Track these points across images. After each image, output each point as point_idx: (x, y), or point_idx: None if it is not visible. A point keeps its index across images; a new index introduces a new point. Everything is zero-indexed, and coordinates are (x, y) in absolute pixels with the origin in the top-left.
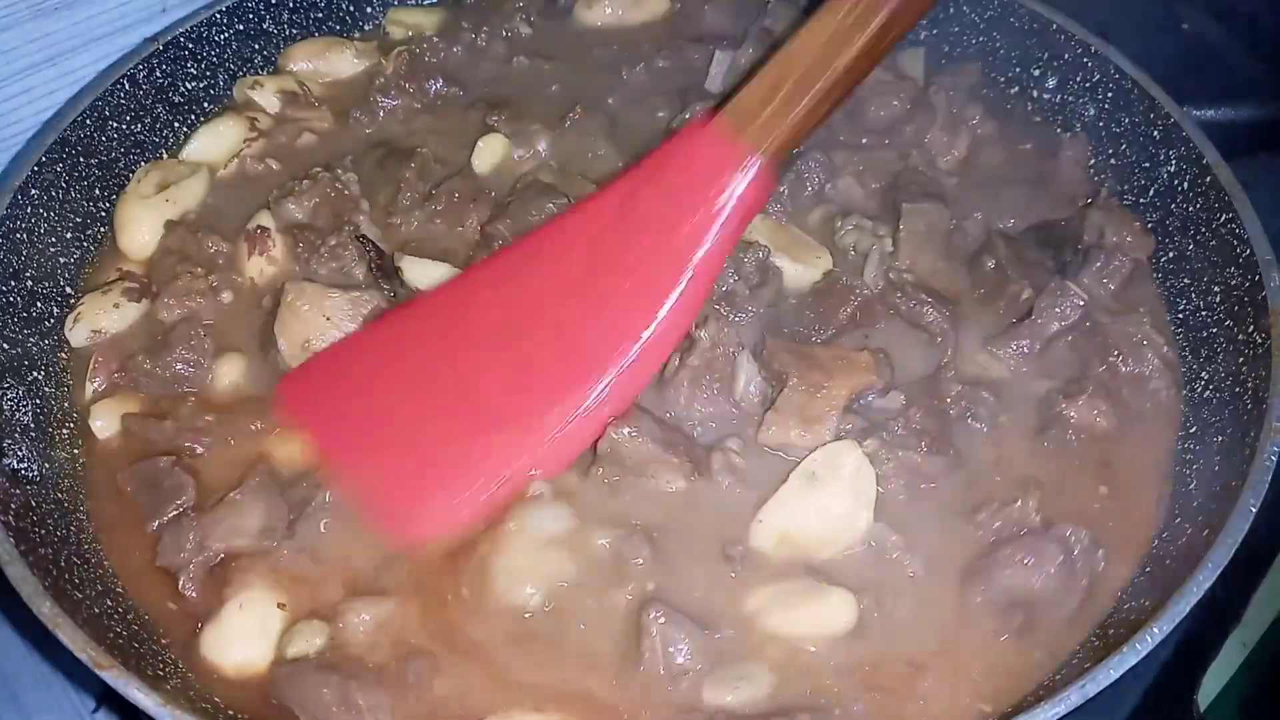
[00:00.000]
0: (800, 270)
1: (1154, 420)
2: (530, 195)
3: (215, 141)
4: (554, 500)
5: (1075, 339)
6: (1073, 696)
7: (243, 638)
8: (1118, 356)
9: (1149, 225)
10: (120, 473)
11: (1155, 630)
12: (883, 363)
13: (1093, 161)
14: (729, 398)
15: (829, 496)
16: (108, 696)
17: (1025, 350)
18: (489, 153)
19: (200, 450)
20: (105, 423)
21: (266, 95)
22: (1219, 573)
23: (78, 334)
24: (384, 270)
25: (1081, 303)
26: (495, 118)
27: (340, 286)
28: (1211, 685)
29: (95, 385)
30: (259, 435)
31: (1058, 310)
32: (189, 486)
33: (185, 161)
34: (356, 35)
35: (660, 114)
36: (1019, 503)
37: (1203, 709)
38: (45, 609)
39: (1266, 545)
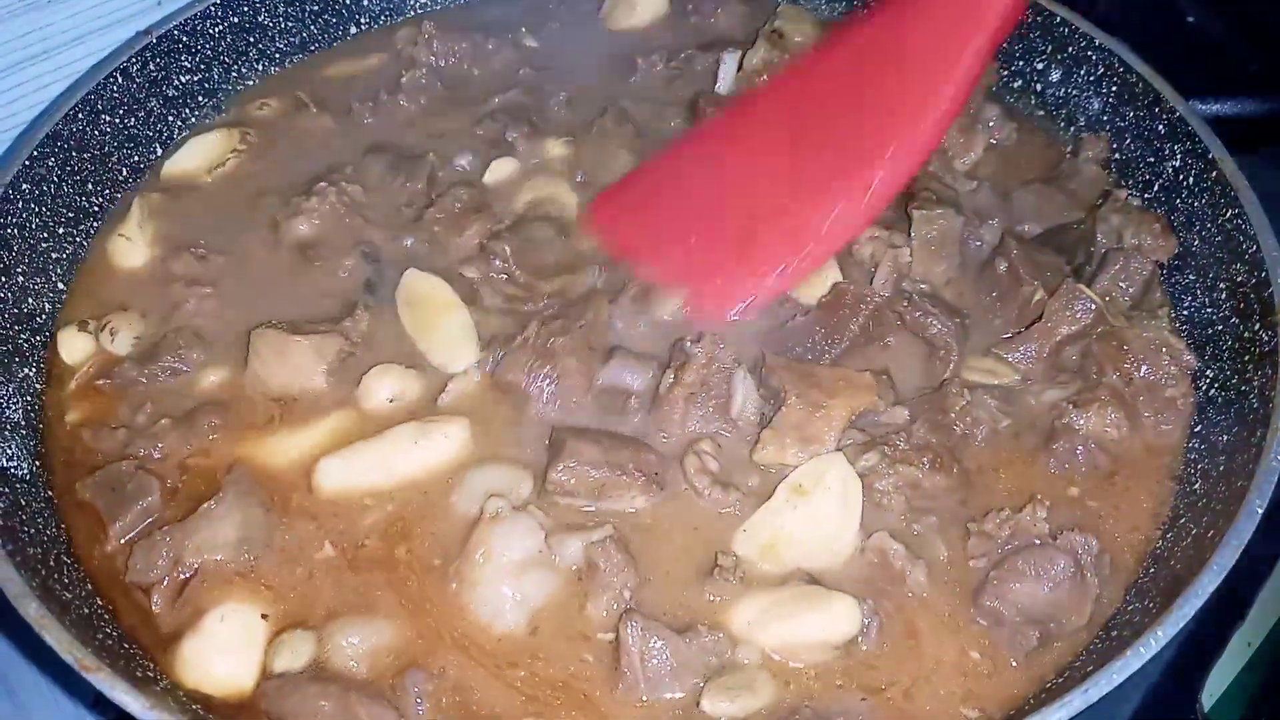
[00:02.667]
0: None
1: (1168, 428)
2: (528, 221)
3: (203, 151)
4: (516, 517)
5: (1088, 345)
6: (1075, 701)
7: (226, 650)
8: (1134, 363)
9: None
10: (79, 482)
11: (1159, 634)
12: (884, 384)
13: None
14: (725, 416)
15: (816, 509)
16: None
17: (1034, 355)
18: (498, 170)
19: (157, 456)
20: (72, 428)
21: (271, 111)
22: (1224, 576)
23: (121, 344)
24: (374, 287)
25: (1094, 305)
26: (514, 134)
27: (303, 331)
28: (1216, 685)
29: (72, 388)
30: (221, 442)
31: (1068, 314)
32: (154, 489)
33: (171, 186)
34: (353, 29)
35: (673, 121)
36: (1026, 511)
37: (1207, 709)
38: (31, 610)
39: (1271, 544)
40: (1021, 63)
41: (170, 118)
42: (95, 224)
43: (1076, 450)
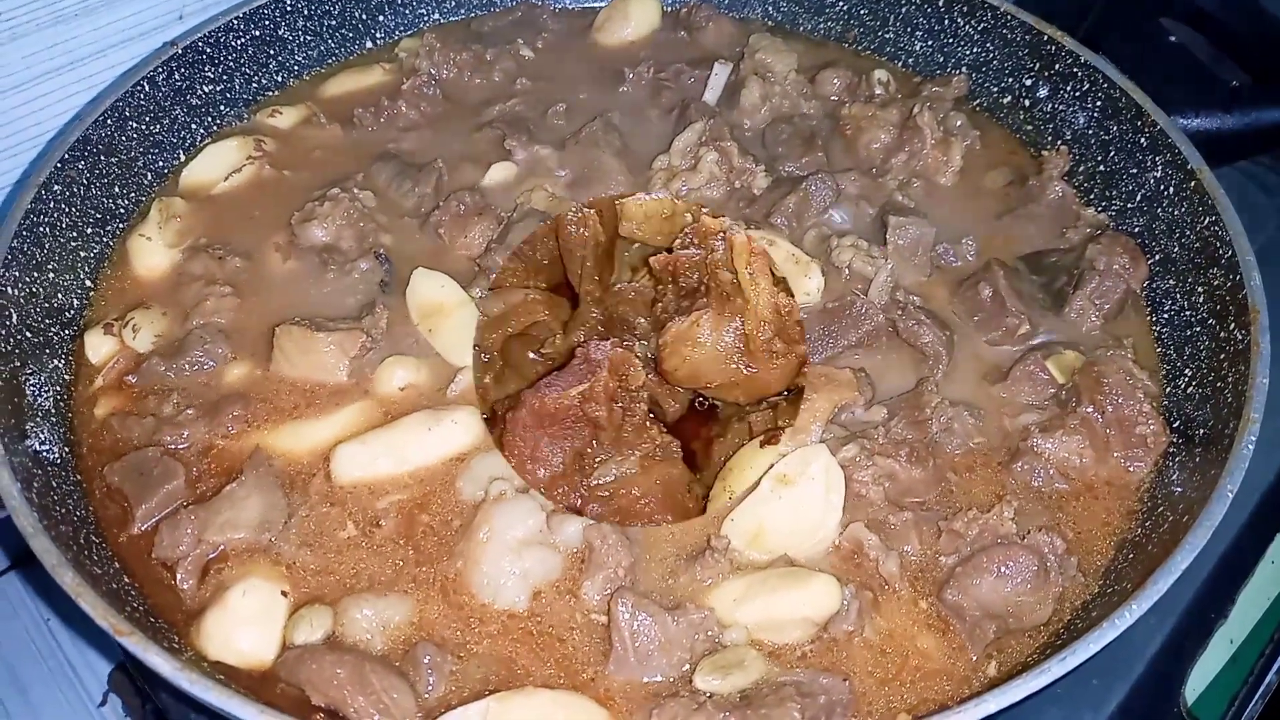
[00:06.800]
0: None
1: (1139, 465)
2: (527, 223)
3: (220, 158)
4: (518, 499)
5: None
6: (1054, 669)
7: (248, 624)
8: (1108, 397)
9: (1136, 230)
10: (107, 467)
11: (1134, 606)
12: (863, 380)
13: (1081, 168)
14: None
15: (799, 498)
16: (115, 684)
17: (1011, 380)
18: (497, 173)
19: (183, 445)
20: (100, 419)
21: (283, 120)
22: (1196, 554)
23: (142, 340)
24: (387, 286)
25: (1052, 390)
26: (512, 142)
27: (327, 328)
28: (1199, 680)
29: (100, 383)
30: (244, 431)
31: (1027, 386)
32: (179, 473)
33: (190, 191)
34: (369, 44)
35: (663, 129)
36: (994, 511)
37: (1190, 704)
38: (68, 579)
39: (1252, 543)
40: (1011, 79)
41: (193, 125)
42: (121, 225)
43: (1036, 473)
